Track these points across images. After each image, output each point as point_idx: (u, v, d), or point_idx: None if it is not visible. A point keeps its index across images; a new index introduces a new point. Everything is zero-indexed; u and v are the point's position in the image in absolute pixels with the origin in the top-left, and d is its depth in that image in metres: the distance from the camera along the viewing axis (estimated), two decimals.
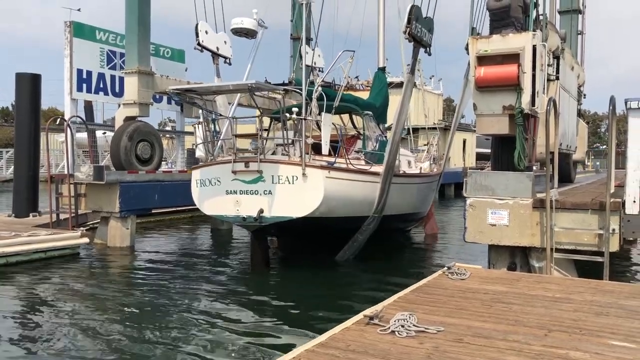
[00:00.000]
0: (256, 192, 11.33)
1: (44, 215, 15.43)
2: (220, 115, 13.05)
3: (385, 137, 14.52)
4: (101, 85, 17.07)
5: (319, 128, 12.35)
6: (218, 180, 11.79)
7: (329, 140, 11.84)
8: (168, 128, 31.76)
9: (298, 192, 11.08)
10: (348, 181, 11.78)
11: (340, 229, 12.31)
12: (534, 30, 8.99)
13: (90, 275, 11.43)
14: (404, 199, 14.30)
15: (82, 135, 18.33)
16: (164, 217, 20.75)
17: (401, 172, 14.27)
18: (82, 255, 13.43)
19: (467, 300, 6.33)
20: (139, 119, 15.45)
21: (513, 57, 8.80)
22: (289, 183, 11.11)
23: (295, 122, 11.59)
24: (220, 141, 12.64)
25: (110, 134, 18.38)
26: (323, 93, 12.26)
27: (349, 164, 12.05)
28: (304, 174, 11.02)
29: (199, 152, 12.86)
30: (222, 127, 13.03)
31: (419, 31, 11.73)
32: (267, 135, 13.18)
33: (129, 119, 15.26)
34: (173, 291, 9.93)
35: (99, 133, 20.81)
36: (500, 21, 9.52)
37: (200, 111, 12.64)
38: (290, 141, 11.62)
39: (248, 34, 13.99)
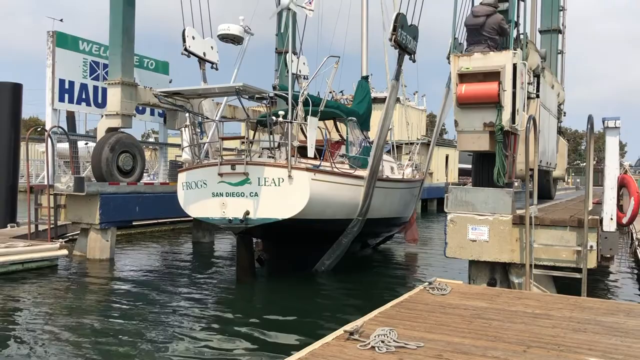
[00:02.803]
0: (242, 194, 11.41)
1: (22, 226, 15.20)
2: (207, 118, 13.05)
3: (369, 142, 14.65)
4: (83, 96, 16.93)
5: (304, 133, 12.39)
6: (204, 183, 11.84)
7: (315, 144, 11.92)
8: (151, 139, 31.59)
9: (284, 193, 11.18)
10: (333, 184, 11.92)
11: (325, 231, 12.37)
12: (514, 49, 9.14)
13: (68, 288, 11.26)
14: (387, 203, 14.43)
15: (64, 145, 18.13)
16: (145, 229, 20.57)
17: (384, 176, 14.40)
18: (60, 268, 13.23)
19: (447, 316, 6.34)
20: (122, 130, 15.37)
21: (494, 75, 8.94)
22: (275, 185, 11.22)
23: (282, 125, 11.67)
24: (206, 144, 12.60)
25: (92, 144, 18.21)
26: (308, 98, 12.38)
27: (334, 167, 12.17)
28: (289, 176, 11.15)
29: (186, 155, 12.84)
30: (208, 132, 13.04)
31: (404, 38, 11.88)
32: (254, 139, 13.22)
33: (111, 130, 15.16)
34: (152, 305, 9.81)
35: (80, 143, 20.56)
36: (473, 37, 9.72)
37: (187, 114, 12.64)
38: (276, 144, 11.70)
39: (234, 40, 14.05)
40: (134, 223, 18.12)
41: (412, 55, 12.87)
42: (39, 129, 17.91)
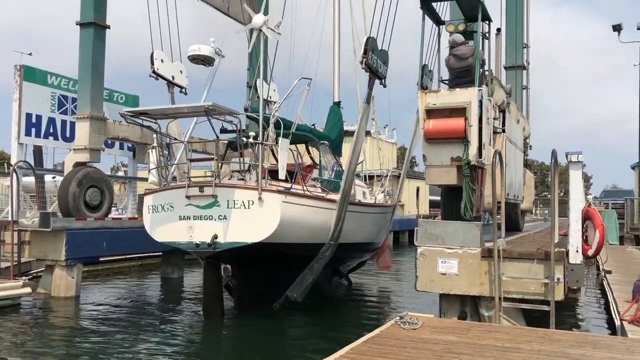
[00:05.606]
0: (210, 217, 11.09)
1: None
2: (175, 139, 12.81)
3: (341, 166, 14.56)
4: (51, 130, 16.71)
5: (275, 157, 12.23)
6: (171, 206, 11.48)
7: (286, 167, 11.71)
8: (120, 173, 31.22)
9: (254, 216, 10.88)
10: (305, 207, 11.66)
11: (296, 256, 12.01)
12: (480, 85, 9.37)
13: (30, 329, 10.88)
14: (359, 228, 14.20)
15: (30, 179, 17.79)
16: (113, 265, 20.12)
17: (357, 200, 14.21)
18: (23, 306, 12.81)
19: (418, 351, 6.31)
20: (90, 164, 15.15)
21: (460, 111, 9.13)
22: (245, 208, 10.92)
23: (252, 147, 11.46)
24: (174, 167, 12.33)
25: (60, 179, 17.89)
26: (280, 120, 12.29)
27: (306, 190, 11.97)
28: (260, 199, 10.88)
29: (152, 177, 12.49)
30: (176, 155, 12.79)
31: (374, 62, 11.94)
32: (224, 159, 12.94)
33: (79, 165, 14.95)
34: (118, 346, 9.54)
35: (48, 177, 20.21)
36: (462, 79, 9.85)
37: (155, 135, 12.30)
38: (246, 167, 11.43)
39: (205, 61, 13.82)
40: (101, 259, 17.72)
41: (383, 80, 12.95)
42: (4, 163, 17.55)
